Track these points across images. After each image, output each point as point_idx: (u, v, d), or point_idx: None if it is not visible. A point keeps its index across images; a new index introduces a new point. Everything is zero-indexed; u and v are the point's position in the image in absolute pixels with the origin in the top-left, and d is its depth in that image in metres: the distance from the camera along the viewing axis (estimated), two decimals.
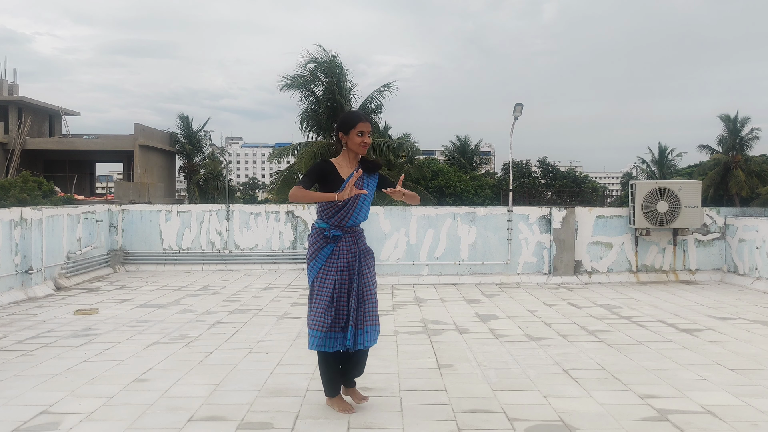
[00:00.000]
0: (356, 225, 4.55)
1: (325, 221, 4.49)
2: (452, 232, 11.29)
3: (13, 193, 26.03)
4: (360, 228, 4.60)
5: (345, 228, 4.48)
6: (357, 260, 4.49)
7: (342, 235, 4.48)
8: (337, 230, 4.46)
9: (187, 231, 13.00)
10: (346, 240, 4.49)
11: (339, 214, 4.45)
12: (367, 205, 4.55)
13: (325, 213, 4.48)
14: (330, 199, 4.33)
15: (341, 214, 4.45)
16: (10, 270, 9.40)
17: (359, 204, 4.47)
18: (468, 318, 7.84)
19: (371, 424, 4.20)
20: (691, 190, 10.93)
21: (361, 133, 4.43)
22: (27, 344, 6.46)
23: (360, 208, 4.48)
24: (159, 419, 4.29)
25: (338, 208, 4.45)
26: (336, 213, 4.45)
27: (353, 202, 4.45)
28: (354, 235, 4.53)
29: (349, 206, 4.45)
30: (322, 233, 4.48)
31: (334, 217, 4.46)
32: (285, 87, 27.40)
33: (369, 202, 4.57)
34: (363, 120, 4.47)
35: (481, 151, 65.97)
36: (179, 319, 7.79)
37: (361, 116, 4.50)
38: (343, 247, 4.47)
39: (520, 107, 11.97)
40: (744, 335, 6.86)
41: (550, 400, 4.68)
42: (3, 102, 38.39)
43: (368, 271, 4.53)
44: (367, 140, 4.46)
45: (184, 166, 49.35)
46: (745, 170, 50.80)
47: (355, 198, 4.43)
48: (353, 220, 4.49)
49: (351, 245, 4.50)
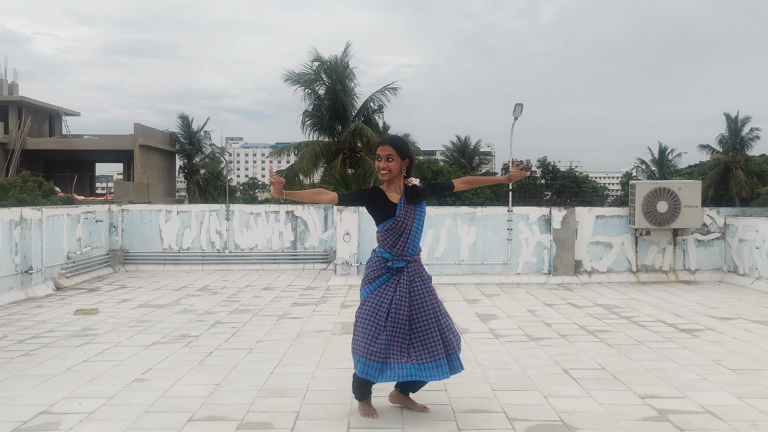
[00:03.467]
0: (416, 253, 4.41)
1: (388, 251, 4.34)
2: (452, 232, 11.29)
3: (13, 193, 26.03)
4: (419, 257, 4.46)
5: (407, 258, 4.34)
6: (420, 291, 4.31)
7: (405, 266, 4.33)
8: (400, 261, 4.32)
9: (187, 231, 13.00)
10: (410, 270, 4.34)
11: (399, 243, 4.32)
12: (421, 231, 4.43)
13: (386, 242, 4.34)
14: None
15: (401, 243, 4.32)
16: (10, 270, 9.40)
17: (415, 230, 4.37)
18: (468, 318, 7.84)
19: (371, 424, 4.20)
20: (691, 190, 10.93)
21: (378, 158, 4.34)
22: (27, 344, 6.46)
23: (416, 233, 4.38)
24: (159, 419, 4.29)
25: (398, 235, 4.31)
26: (398, 240, 4.32)
27: (409, 230, 4.33)
28: (416, 264, 4.39)
29: (406, 234, 4.33)
30: (384, 263, 4.34)
31: (396, 245, 4.32)
32: (289, 81, 27.39)
33: (422, 223, 4.44)
34: (381, 144, 4.36)
35: (481, 151, 65.98)
36: (179, 319, 7.79)
37: (381, 140, 4.41)
38: (406, 278, 4.32)
39: (520, 107, 11.98)
40: (744, 335, 6.86)
41: (550, 400, 4.67)
42: (3, 102, 38.37)
43: (433, 302, 4.33)
44: (381, 165, 4.31)
45: (184, 166, 49.32)
46: (745, 170, 50.78)
47: (411, 223, 4.33)
48: (413, 248, 4.37)
49: (414, 275, 4.34)
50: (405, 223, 4.31)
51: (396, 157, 4.30)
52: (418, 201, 4.41)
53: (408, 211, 4.34)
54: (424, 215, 4.46)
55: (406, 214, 4.33)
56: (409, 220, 4.33)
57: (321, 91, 28.23)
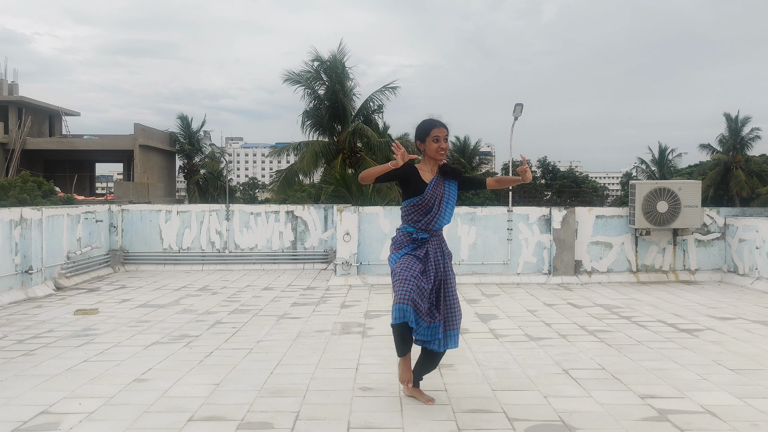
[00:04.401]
0: (441, 228, 4.65)
1: (412, 225, 4.58)
2: (452, 231, 11.29)
3: (13, 193, 26.04)
4: (442, 232, 4.71)
5: (432, 231, 4.58)
6: (442, 262, 4.59)
7: (429, 237, 4.58)
8: (424, 233, 4.56)
9: (187, 231, 13.00)
10: (433, 243, 4.59)
11: (426, 218, 4.56)
12: (451, 209, 4.65)
13: (410, 217, 4.58)
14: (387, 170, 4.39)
15: (428, 218, 4.56)
16: (10, 270, 9.40)
17: (444, 208, 4.59)
18: (468, 318, 7.83)
19: (371, 424, 4.20)
20: (691, 190, 10.93)
21: (437, 139, 4.52)
22: (27, 344, 6.46)
23: (445, 212, 4.60)
24: (159, 419, 4.29)
25: (425, 212, 4.55)
26: (423, 217, 4.56)
27: (438, 207, 4.56)
28: (438, 239, 4.64)
29: (434, 210, 4.55)
30: (409, 236, 4.58)
31: (421, 221, 4.56)
32: (288, 81, 27.41)
33: (452, 206, 4.65)
34: (437, 126, 4.54)
35: (481, 151, 66.01)
36: (179, 319, 7.79)
37: (435, 122, 4.57)
38: (430, 248, 4.57)
39: (520, 107, 11.97)
40: (744, 335, 6.86)
41: (550, 400, 4.67)
42: (3, 102, 38.38)
43: (452, 275, 4.65)
44: (443, 145, 4.54)
45: (184, 166, 49.33)
46: (745, 170, 50.80)
47: (440, 202, 4.55)
48: (439, 224, 4.59)
49: (437, 248, 4.60)
50: (431, 203, 4.54)
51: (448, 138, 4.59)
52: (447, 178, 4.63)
53: (436, 191, 4.56)
54: (453, 198, 4.65)
55: (434, 194, 4.55)
56: (436, 200, 4.55)
57: (321, 91, 28.24)
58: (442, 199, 4.58)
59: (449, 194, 4.63)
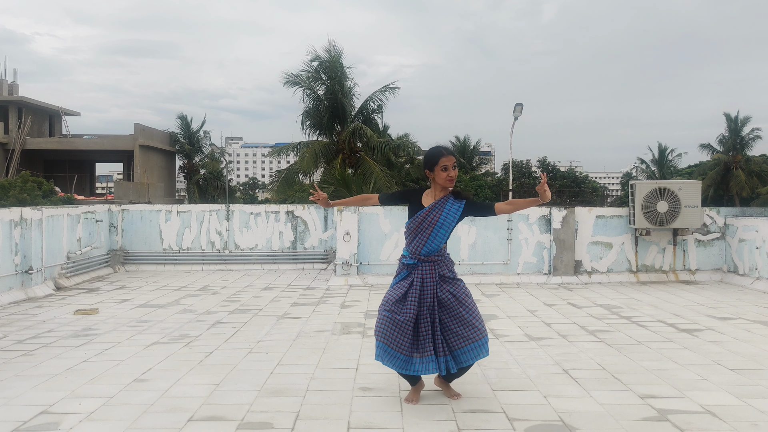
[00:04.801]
0: (433, 254, 4.58)
1: (406, 248, 4.65)
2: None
3: (13, 193, 26.03)
4: (441, 256, 4.63)
5: (421, 257, 4.57)
6: (435, 288, 4.55)
7: (417, 263, 4.57)
8: (411, 259, 4.59)
9: (187, 231, 13.00)
10: (423, 269, 4.57)
11: (415, 241, 4.58)
12: (443, 234, 4.57)
13: (407, 240, 4.65)
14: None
15: (417, 242, 4.57)
16: (10, 270, 9.40)
17: (433, 232, 4.53)
18: None
19: (371, 424, 4.20)
20: (691, 190, 10.93)
21: (445, 168, 4.54)
22: (27, 344, 6.46)
23: (434, 237, 4.54)
24: (159, 419, 4.29)
25: (414, 236, 4.57)
26: (412, 241, 4.59)
27: (427, 231, 4.53)
28: (432, 264, 4.59)
29: (422, 234, 4.55)
30: (402, 260, 4.67)
31: (410, 245, 4.61)
32: (288, 84, 27.43)
33: (445, 231, 4.57)
34: (444, 155, 4.55)
35: (481, 151, 65.96)
36: (179, 319, 7.79)
37: (442, 151, 4.57)
38: (418, 275, 4.56)
39: (520, 107, 11.99)
40: (744, 335, 6.86)
41: (550, 400, 4.67)
42: (3, 102, 38.37)
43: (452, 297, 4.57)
44: (452, 174, 4.55)
45: (184, 166, 49.30)
46: (745, 170, 50.78)
47: (429, 226, 4.52)
48: (427, 249, 4.55)
49: (428, 274, 4.57)
50: (421, 226, 4.54)
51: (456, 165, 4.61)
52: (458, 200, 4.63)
53: (429, 216, 4.54)
54: (449, 223, 4.57)
55: (426, 218, 4.54)
56: (427, 225, 4.53)
57: (320, 92, 28.24)
58: (434, 224, 4.52)
59: (445, 219, 4.54)
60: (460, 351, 4.54)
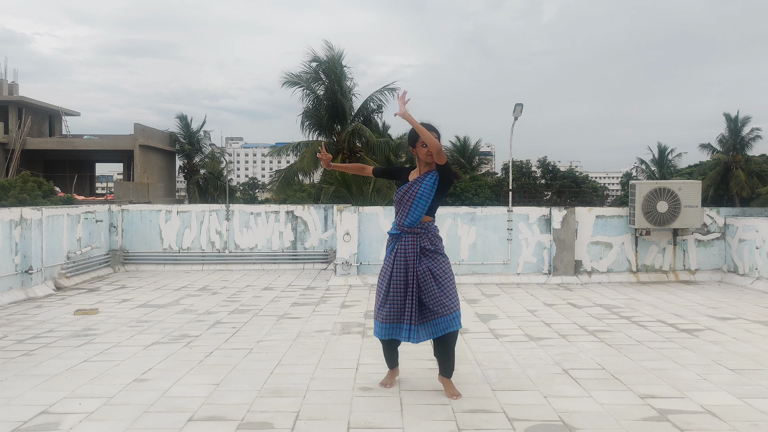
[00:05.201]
0: (415, 225, 4.77)
1: (393, 221, 4.91)
2: (452, 232, 11.29)
3: (13, 193, 26.04)
4: (424, 229, 4.79)
5: (404, 228, 4.80)
6: (416, 260, 4.73)
7: (401, 234, 4.80)
8: (396, 230, 4.84)
9: (187, 231, 13.00)
10: (406, 240, 4.78)
11: (398, 214, 4.83)
12: (422, 205, 4.74)
13: (395, 214, 4.90)
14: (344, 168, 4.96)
15: (400, 215, 4.82)
16: (10, 270, 9.40)
17: (413, 204, 4.74)
18: (468, 318, 7.84)
19: (371, 424, 4.20)
20: (691, 190, 10.93)
21: (425, 144, 4.64)
22: (27, 344, 6.46)
23: (414, 208, 4.74)
24: (159, 419, 4.29)
25: (397, 207, 4.82)
26: (397, 214, 4.85)
27: (407, 203, 4.76)
28: (415, 236, 4.77)
29: (404, 206, 4.79)
30: (389, 232, 4.93)
31: (396, 217, 4.87)
32: (287, 84, 27.43)
33: (425, 202, 4.73)
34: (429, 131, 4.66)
35: (481, 151, 65.98)
36: (179, 319, 7.79)
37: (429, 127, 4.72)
38: (401, 246, 4.78)
39: (520, 107, 11.97)
40: (744, 335, 6.86)
41: (550, 400, 4.68)
42: (3, 102, 38.38)
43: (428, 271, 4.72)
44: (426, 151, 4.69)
45: (184, 166, 49.31)
46: (745, 170, 50.79)
47: (409, 198, 4.74)
48: (410, 220, 4.77)
49: (410, 245, 4.76)
50: (403, 199, 4.78)
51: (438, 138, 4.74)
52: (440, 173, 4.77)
53: (410, 189, 4.76)
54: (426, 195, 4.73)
55: (406, 192, 4.77)
56: (408, 197, 4.76)
57: (320, 91, 28.25)
58: (414, 196, 4.73)
59: (423, 191, 4.72)
60: (430, 323, 4.75)
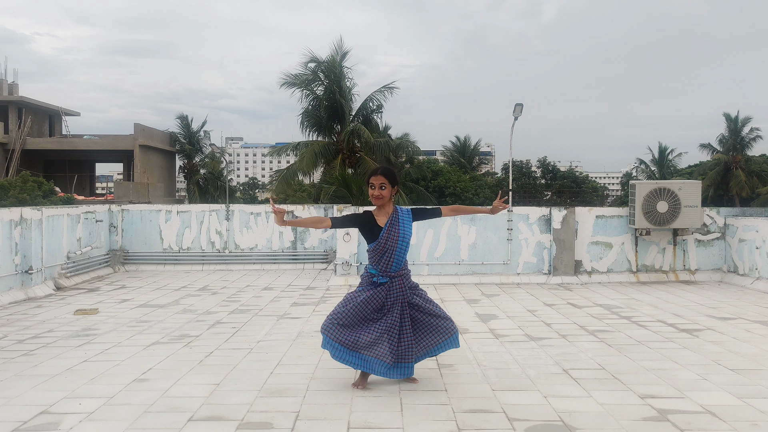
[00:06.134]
0: (401, 267, 4.88)
1: (374, 267, 4.87)
2: (452, 232, 11.29)
3: (13, 193, 26.05)
4: (406, 269, 4.94)
5: (391, 274, 4.83)
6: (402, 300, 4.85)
7: (388, 281, 4.84)
8: (384, 277, 4.84)
9: (187, 231, 13.00)
10: (395, 284, 4.85)
11: (383, 260, 4.81)
12: (406, 245, 4.87)
13: (372, 259, 4.86)
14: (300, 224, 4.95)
15: (385, 261, 4.81)
16: (10, 270, 9.40)
17: (398, 247, 4.81)
18: (468, 318, 7.84)
19: (371, 424, 4.20)
20: (691, 190, 10.93)
21: (372, 186, 4.83)
22: (27, 344, 6.46)
23: (400, 250, 4.83)
24: (159, 419, 4.29)
25: (381, 255, 4.80)
26: (381, 260, 4.82)
27: (393, 249, 4.80)
28: (401, 278, 4.87)
29: (389, 252, 4.80)
30: (371, 278, 4.89)
31: (379, 264, 4.83)
32: (285, 85, 27.44)
33: (408, 241, 4.88)
34: (374, 174, 4.85)
35: (480, 151, 65.95)
36: (179, 319, 7.79)
37: (374, 170, 4.90)
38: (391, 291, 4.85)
39: (520, 107, 11.98)
40: (744, 335, 6.86)
41: (550, 400, 4.67)
42: (3, 102, 38.36)
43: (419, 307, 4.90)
44: (376, 193, 4.82)
45: (184, 166, 49.31)
46: (745, 170, 50.78)
47: (394, 242, 4.79)
48: (396, 263, 4.84)
49: (399, 288, 4.86)
50: (387, 245, 4.79)
51: (387, 185, 4.83)
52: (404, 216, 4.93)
53: (391, 234, 4.81)
54: (408, 237, 4.89)
55: (389, 237, 4.81)
56: (392, 243, 4.80)
57: (319, 91, 28.24)
58: (397, 240, 4.80)
59: (404, 230, 4.85)
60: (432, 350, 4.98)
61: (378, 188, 4.81)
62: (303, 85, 27.67)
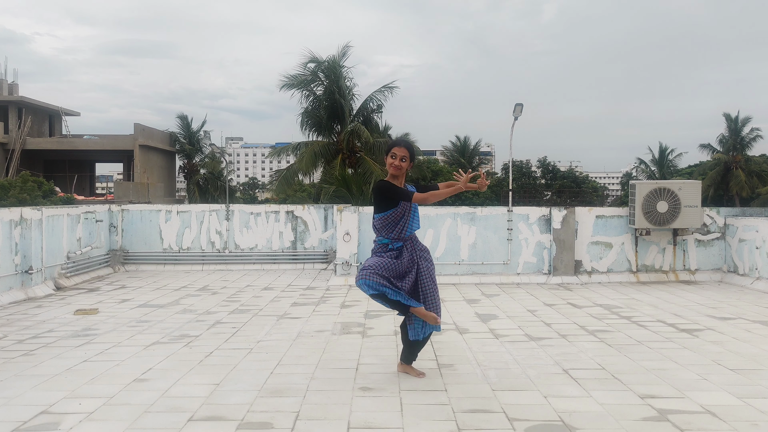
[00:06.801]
0: (413, 232, 5.21)
1: (386, 237, 5.12)
2: (452, 232, 11.29)
3: (13, 193, 26.05)
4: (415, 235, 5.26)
5: (404, 238, 5.13)
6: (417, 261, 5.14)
7: (403, 245, 5.14)
8: (398, 242, 5.12)
9: (187, 231, 13.00)
10: (408, 247, 5.15)
11: (398, 227, 5.10)
12: (418, 216, 5.23)
13: (385, 229, 5.12)
14: (456, 191, 5.00)
15: (400, 227, 5.10)
16: (10, 270, 9.40)
17: (412, 215, 5.16)
18: (468, 318, 7.84)
19: (371, 424, 4.20)
20: (691, 190, 10.93)
21: (394, 156, 5.09)
22: (27, 344, 6.46)
23: (413, 219, 5.18)
24: (159, 419, 4.29)
25: (397, 222, 5.09)
26: (395, 227, 5.10)
27: (408, 215, 5.12)
28: (412, 242, 5.19)
29: (404, 219, 5.11)
30: (386, 248, 5.13)
31: (394, 231, 5.11)
32: (285, 86, 27.43)
33: (418, 212, 5.26)
34: (398, 145, 5.16)
35: (481, 151, 66.01)
36: (179, 319, 7.79)
37: (398, 141, 5.25)
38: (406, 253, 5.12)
39: (520, 107, 11.97)
40: (744, 335, 6.86)
41: (550, 400, 4.68)
42: (3, 102, 38.37)
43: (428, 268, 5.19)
44: (396, 163, 5.08)
45: (184, 166, 49.31)
46: (745, 170, 50.81)
47: (408, 211, 5.11)
48: (410, 230, 5.16)
49: (412, 250, 5.16)
50: (402, 213, 5.10)
51: (408, 159, 5.12)
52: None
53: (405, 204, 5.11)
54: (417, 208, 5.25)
55: (404, 206, 5.11)
56: (407, 211, 5.12)
57: (319, 92, 28.23)
58: (410, 210, 5.12)
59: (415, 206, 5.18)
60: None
61: (399, 159, 5.07)
62: (302, 85, 27.65)
